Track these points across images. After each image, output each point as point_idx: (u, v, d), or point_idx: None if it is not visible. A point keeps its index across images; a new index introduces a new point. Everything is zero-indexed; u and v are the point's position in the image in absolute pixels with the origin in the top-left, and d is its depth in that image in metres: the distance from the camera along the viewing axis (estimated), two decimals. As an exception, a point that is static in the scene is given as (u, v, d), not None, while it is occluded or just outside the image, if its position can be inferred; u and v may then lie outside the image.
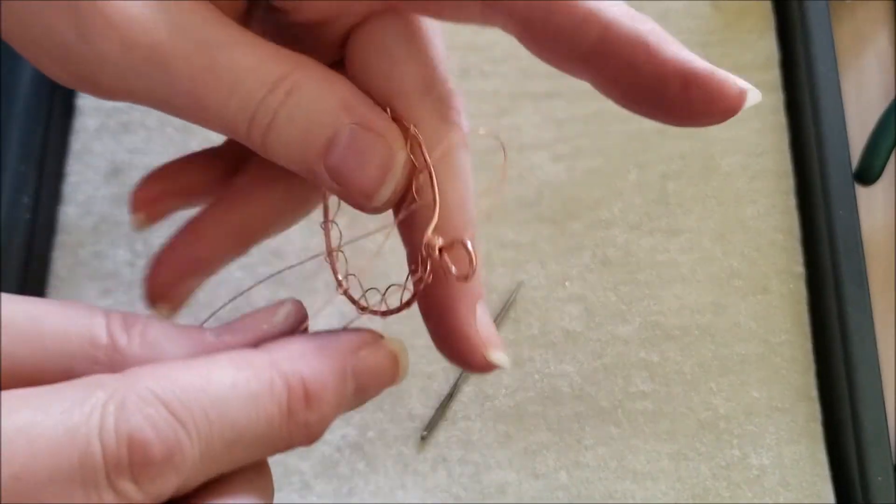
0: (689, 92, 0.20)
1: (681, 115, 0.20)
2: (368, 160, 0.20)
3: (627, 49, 0.20)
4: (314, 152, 0.20)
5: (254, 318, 0.20)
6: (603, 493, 0.36)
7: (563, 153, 0.41)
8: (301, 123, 0.20)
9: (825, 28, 0.42)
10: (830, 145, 0.40)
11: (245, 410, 0.17)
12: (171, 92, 0.20)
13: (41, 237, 0.40)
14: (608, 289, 0.39)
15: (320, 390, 0.19)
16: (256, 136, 0.20)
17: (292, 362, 0.18)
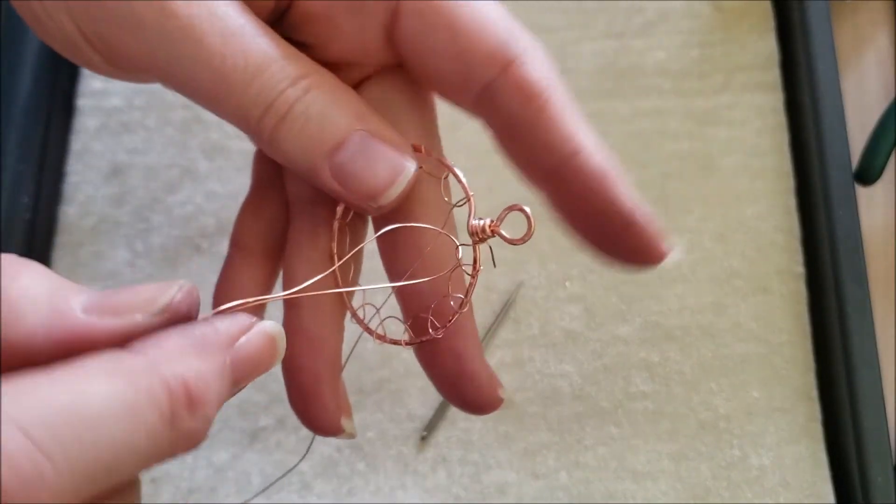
0: (628, 230, 0.21)
1: (611, 249, 0.22)
2: (378, 162, 0.21)
3: (590, 177, 0.21)
4: (322, 149, 0.21)
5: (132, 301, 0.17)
6: (603, 493, 0.36)
7: (564, 153, 0.41)
8: (316, 119, 0.21)
9: (825, 28, 0.42)
10: (830, 145, 0.40)
11: (123, 426, 0.15)
12: (197, 67, 0.20)
13: (41, 237, 0.40)
14: (608, 289, 0.39)
15: (204, 392, 0.17)
16: (268, 124, 0.21)
17: (172, 364, 0.16)
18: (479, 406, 0.24)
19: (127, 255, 0.40)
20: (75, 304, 0.17)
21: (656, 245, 0.21)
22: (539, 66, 0.22)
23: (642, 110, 0.42)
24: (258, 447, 0.37)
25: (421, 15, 0.21)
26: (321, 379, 0.23)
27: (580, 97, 0.43)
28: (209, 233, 0.40)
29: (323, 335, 0.24)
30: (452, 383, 0.23)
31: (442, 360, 0.23)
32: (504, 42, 0.21)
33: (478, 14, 0.21)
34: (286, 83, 0.20)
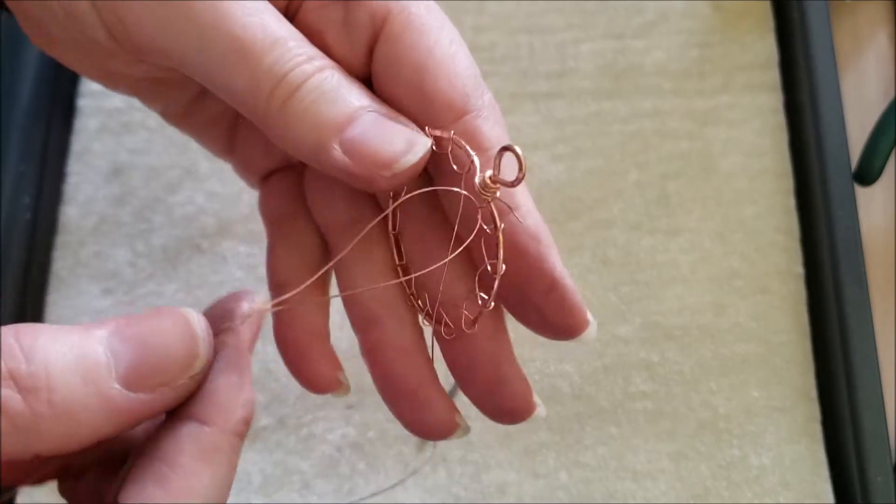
0: (549, 295, 0.22)
1: (531, 317, 0.22)
2: (393, 135, 0.21)
3: (521, 236, 0.22)
4: (334, 124, 0.21)
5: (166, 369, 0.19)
6: (603, 492, 0.36)
7: (563, 153, 0.41)
8: (329, 95, 0.21)
9: (825, 28, 0.42)
10: (830, 146, 0.40)
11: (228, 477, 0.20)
12: (216, 35, 0.20)
13: (42, 237, 0.40)
14: (608, 289, 0.39)
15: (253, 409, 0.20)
16: (279, 96, 0.21)
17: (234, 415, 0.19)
18: (513, 414, 0.23)
19: (128, 255, 0.40)
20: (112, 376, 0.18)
21: (577, 314, 0.22)
22: (493, 124, 0.22)
23: (642, 110, 0.42)
24: (258, 447, 0.37)
25: (396, 43, 0.22)
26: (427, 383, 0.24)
27: (580, 98, 0.44)
28: (210, 233, 0.40)
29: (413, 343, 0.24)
30: (489, 390, 0.23)
31: (479, 365, 0.23)
32: (465, 94, 0.22)
33: (448, 61, 0.22)
34: (302, 58, 0.21)
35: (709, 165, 0.41)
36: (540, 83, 0.43)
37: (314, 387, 0.25)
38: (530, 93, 0.42)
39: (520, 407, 0.23)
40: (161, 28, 0.21)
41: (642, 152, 0.41)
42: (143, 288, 0.39)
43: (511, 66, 0.43)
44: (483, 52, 0.43)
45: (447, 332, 0.23)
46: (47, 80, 0.42)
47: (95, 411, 0.17)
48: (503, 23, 0.44)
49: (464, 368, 0.23)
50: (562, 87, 0.42)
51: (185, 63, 0.21)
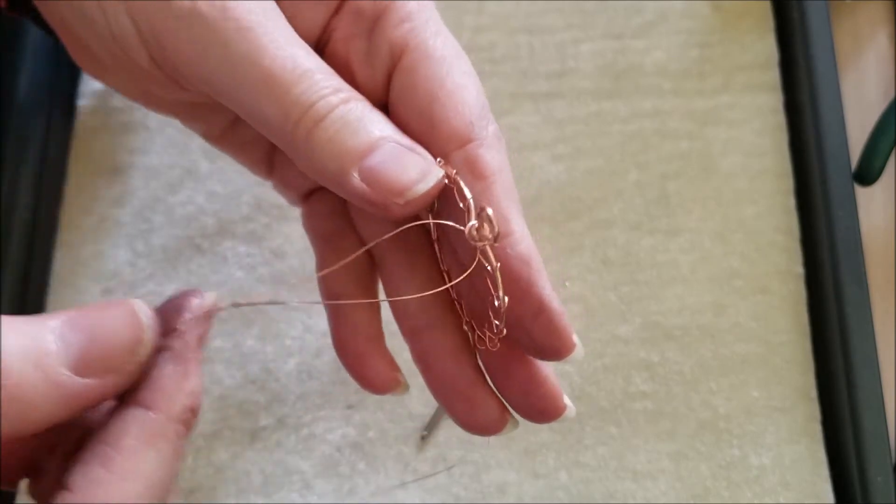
0: (538, 318, 0.23)
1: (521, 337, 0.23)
2: (409, 164, 0.22)
3: (513, 260, 0.23)
4: (355, 153, 0.22)
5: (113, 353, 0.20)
6: (603, 492, 0.36)
7: (563, 153, 0.41)
8: (352, 126, 0.22)
9: (825, 28, 0.42)
10: (830, 146, 0.40)
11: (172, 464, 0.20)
12: (247, 64, 0.22)
13: (42, 237, 0.40)
14: (608, 289, 0.39)
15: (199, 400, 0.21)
16: (305, 125, 0.22)
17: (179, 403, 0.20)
18: (546, 413, 0.24)
19: (128, 255, 0.40)
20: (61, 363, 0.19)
21: (564, 337, 0.23)
22: (495, 153, 0.24)
23: (642, 110, 0.42)
24: (258, 447, 0.37)
25: (411, 73, 0.24)
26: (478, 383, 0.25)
27: (580, 98, 0.44)
28: (210, 233, 0.40)
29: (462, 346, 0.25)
30: (525, 390, 0.24)
31: (516, 367, 0.24)
32: (471, 123, 0.23)
33: (458, 91, 0.24)
34: (328, 91, 0.22)
35: (709, 165, 0.41)
36: (540, 83, 0.43)
37: (374, 387, 0.26)
38: (530, 93, 0.42)
39: (552, 407, 0.24)
40: (198, 55, 0.22)
41: (642, 152, 0.41)
42: (143, 288, 0.39)
43: (511, 66, 0.43)
44: (483, 52, 0.43)
45: (479, 343, 0.25)
46: (47, 81, 0.42)
47: (46, 396, 0.18)
48: (503, 23, 0.44)
49: (500, 369, 0.25)
50: (562, 87, 0.42)
51: (218, 90, 0.23)
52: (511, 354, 0.24)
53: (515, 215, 0.23)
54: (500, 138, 0.24)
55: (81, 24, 0.23)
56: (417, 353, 0.25)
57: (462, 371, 0.25)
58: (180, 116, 0.28)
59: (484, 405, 0.25)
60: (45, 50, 0.42)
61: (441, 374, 0.25)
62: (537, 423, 0.25)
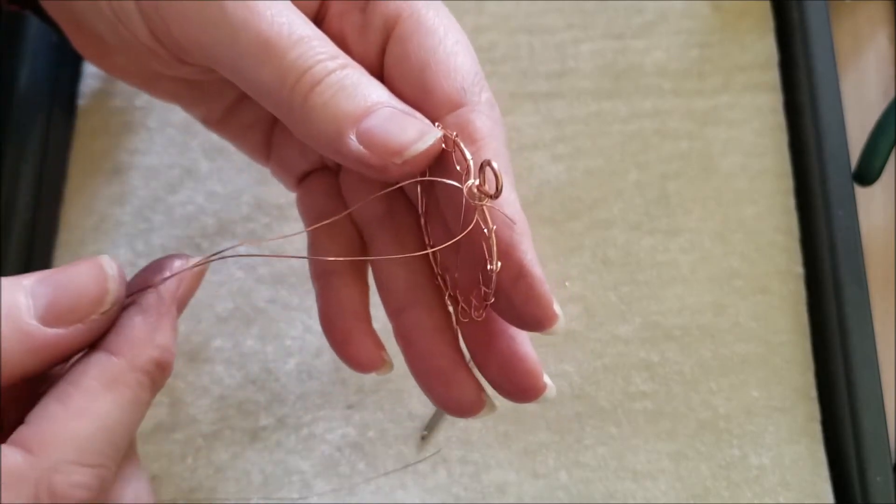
0: (518, 282, 0.22)
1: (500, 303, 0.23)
2: (407, 125, 0.22)
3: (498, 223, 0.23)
4: (352, 116, 0.22)
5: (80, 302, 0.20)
6: (603, 492, 0.36)
7: (563, 153, 0.41)
8: (349, 89, 0.22)
9: (824, 28, 0.42)
10: (829, 146, 0.40)
11: (130, 417, 0.21)
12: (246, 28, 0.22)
13: (42, 236, 0.40)
14: (608, 289, 0.39)
15: (170, 356, 0.21)
16: (302, 88, 0.22)
17: (145, 352, 0.21)
18: (526, 391, 0.24)
19: (128, 255, 0.40)
20: (31, 315, 0.20)
21: (544, 305, 0.22)
22: (486, 119, 0.24)
23: (642, 110, 0.42)
24: (258, 447, 0.37)
25: (404, 43, 0.24)
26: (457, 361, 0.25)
27: (580, 98, 0.44)
28: (210, 233, 0.40)
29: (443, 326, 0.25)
30: (505, 366, 0.24)
31: (497, 342, 0.24)
32: (463, 89, 0.24)
33: (450, 58, 0.24)
34: (324, 56, 0.22)
35: (709, 165, 0.41)
36: (540, 83, 0.43)
37: (359, 365, 0.26)
38: (530, 93, 0.42)
39: (532, 385, 0.24)
40: (196, 24, 0.22)
41: (642, 152, 0.41)
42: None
43: (511, 66, 0.43)
44: (483, 52, 0.43)
45: (464, 315, 0.25)
46: (48, 81, 0.42)
47: (17, 346, 0.19)
48: (503, 23, 0.44)
49: (482, 345, 0.25)
50: (562, 87, 0.42)
51: (218, 59, 0.23)
52: (492, 330, 0.24)
53: (508, 177, 0.23)
54: (494, 106, 0.24)
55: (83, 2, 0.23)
56: (400, 332, 0.25)
57: (441, 349, 0.25)
58: (181, 101, 0.29)
59: (461, 385, 0.25)
60: (45, 50, 0.42)
61: (421, 352, 0.25)
62: (517, 402, 0.25)
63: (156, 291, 0.22)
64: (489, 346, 0.24)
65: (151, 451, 0.37)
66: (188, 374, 0.38)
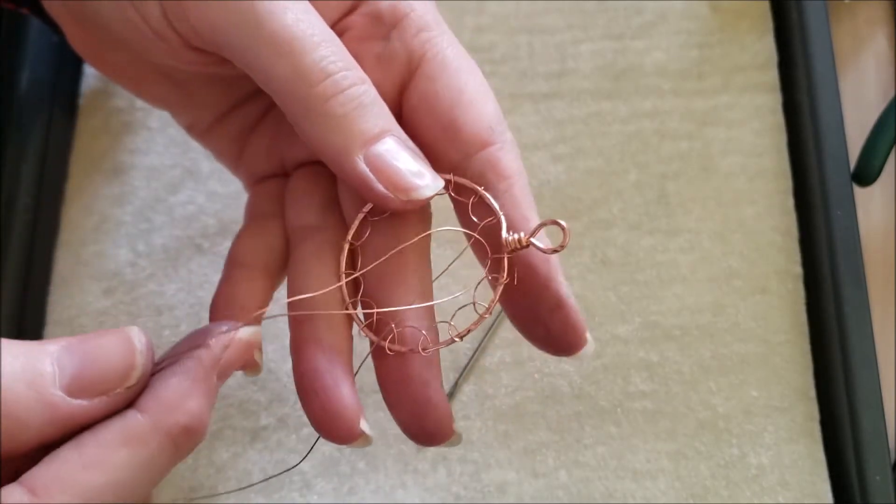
0: (555, 314, 0.24)
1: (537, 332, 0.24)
2: (413, 162, 0.23)
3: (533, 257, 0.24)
4: (362, 137, 0.22)
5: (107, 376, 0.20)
6: (602, 492, 0.36)
7: (563, 153, 0.42)
8: (367, 108, 0.22)
9: (823, 28, 0.42)
10: (828, 146, 0.40)
11: (144, 476, 0.20)
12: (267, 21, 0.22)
13: (43, 237, 0.40)
14: (608, 289, 0.39)
15: (199, 424, 0.20)
16: (320, 96, 0.22)
17: (172, 415, 0.20)
18: (434, 435, 0.25)
19: (129, 255, 0.40)
20: (55, 385, 0.19)
21: (579, 332, 0.24)
22: (513, 157, 0.25)
23: (641, 111, 0.42)
24: (259, 446, 0.37)
25: (433, 82, 0.24)
26: (341, 383, 0.24)
27: (580, 98, 0.44)
28: (211, 233, 0.40)
29: (339, 344, 0.25)
30: (415, 411, 0.25)
31: (411, 387, 0.24)
32: (491, 128, 0.24)
33: (478, 98, 0.24)
34: (346, 66, 0.23)
35: (708, 165, 0.41)
36: (540, 83, 0.43)
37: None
38: (530, 93, 0.42)
39: (441, 430, 0.25)
40: (218, 8, 0.22)
41: (642, 152, 0.41)
42: (143, 288, 0.39)
43: (511, 66, 0.43)
44: (483, 53, 0.43)
45: (390, 348, 0.24)
46: (48, 80, 0.42)
47: (38, 415, 0.19)
48: (503, 23, 0.44)
49: (395, 384, 0.25)
50: (561, 88, 0.43)
51: (233, 46, 0.23)
52: (407, 373, 0.24)
53: (534, 215, 0.24)
54: (515, 144, 0.25)
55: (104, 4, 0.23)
56: (295, 341, 0.25)
57: (330, 367, 0.24)
58: (171, 107, 0.29)
59: (340, 410, 0.24)
60: (46, 50, 0.42)
61: (308, 367, 0.24)
62: (423, 445, 0.25)
63: (197, 357, 0.21)
64: (401, 387, 0.24)
65: (152, 450, 0.37)
66: (189, 374, 0.38)
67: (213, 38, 0.23)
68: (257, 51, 0.22)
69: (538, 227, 0.23)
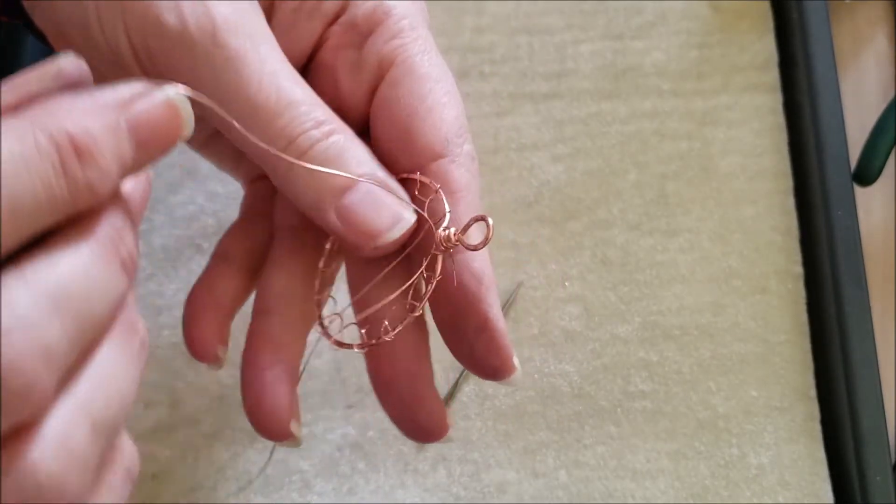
0: (480, 335, 0.23)
1: (463, 350, 0.24)
2: (382, 209, 0.23)
3: (466, 274, 0.23)
4: (332, 191, 0.23)
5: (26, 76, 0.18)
6: (602, 491, 0.36)
7: (563, 153, 0.42)
8: (332, 162, 0.23)
9: (824, 28, 0.42)
10: (829, 146, 0.40)
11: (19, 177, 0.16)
12: (233, 94, 0.22)
13: (43, 237, 0.40)
14: (608, 289, 0.39)
15: (90, 144, 0.18)
16: (285, 160, 0.22)
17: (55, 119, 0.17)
18: (427, 432, 0.25)
19: (128, 256, 0.40)
20: None
21: (503, 357, 0.24)
22: (465, 171, 0.24)
23: (641, 111, 0.42)
24: (259, 446, 0.37)
25: (395, 87, 0.24)
26: (280, 380, 0.25)
27: (580, 98, 0.44)
28: (210, 233, 0.40)
29: (288, 342, 0.25)
30: (406, 406, 0.25)
31: (398, 382, 0.25)
32: (447, 140, 0.24)
33: (438, 108, 0.24)
34: (311, 124, 0.23)
35: (708, 166, 0.41)
36: (539, 83, 0.43)
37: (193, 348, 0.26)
38: (530, 93, 0.42)
39: (434, 426, 0.25)
40: (189, 78, 0.22)
41: (641, 152, 0.41)
42: (143, 288, 0.39)
43: (511, 66, 0.43)
44: (483, 53, 0.43)
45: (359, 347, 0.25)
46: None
47: None
48: (503, 23, 0.44)
49: (384, 383, 0.25)
50: (561, 88, 0.43)
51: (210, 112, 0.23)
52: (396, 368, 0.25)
53: (475, 232, 0.24)
54: (474, 159, 0.25)
55: (78, 33, 0.23)
56: (249, 332, 0.26)
57: (273, 363, 0.25)
58: None
59: (275, 406, 0.25)
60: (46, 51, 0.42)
61: (253, 359, 0.25)
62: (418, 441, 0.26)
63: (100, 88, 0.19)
64: (391, 383, 0.25)
65: (151, 451, 0.37)
66: (188, 374, 0.38)
67: None
68: (223, 121, 0.22)
69: (469, 224, 0.23)
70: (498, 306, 0.24)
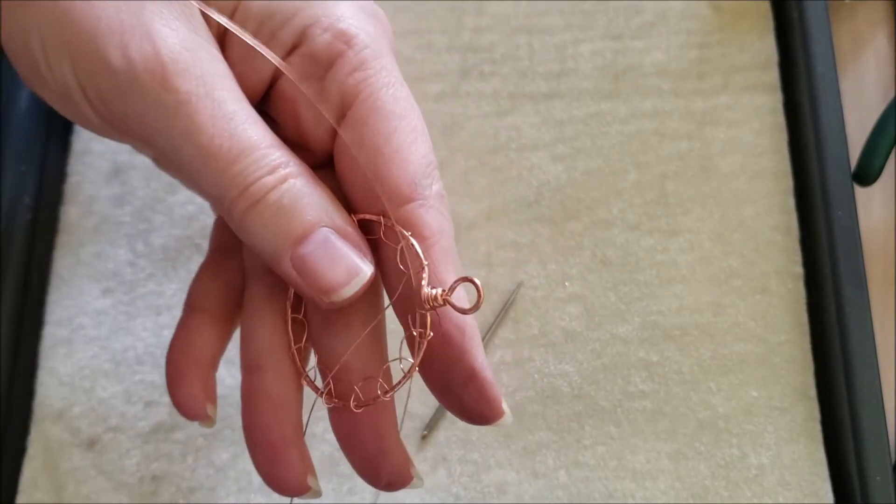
0: (468, 386, 0.23)
1: (452, 402, 0.24)
2: (337, 261, 0.22)
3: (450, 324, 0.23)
4: (287, 240, 0.22)
5: None
6: (602, 492, 0.36)
7: (563, 153, 0.41)
8: (286, 210, 0.22)
9: (824, 28, 0.42)
10: (829, 146, 0.40)
11: None
12: (185, 141, 0.21)
13: (42, 237, 0.40)
14: (608, 289, 0.39)
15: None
16: (240, 207, 0.22)
17: None
18: (389, 483, 0.25)
19: (128, 255, 0.40)
20: None
21: (493, 406, 0.23)
22: (436, 214, 0.23)
23: (641, 111, 0.42)
24: (259, 446, 0.37)
25: (359, 127, 0.23)
26: (288, 439, 0.24)
27: (580, 98, 0.44)
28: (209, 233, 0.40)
29: (287, 396, 0.25)
30: (371, 460, 0.25)
31: (363, 438, 0.24)
32: (414, 183, 0.23)
33: (404, 148, 0.23)
34: (265, 171, 0.22)
35: (708, 165, 0.41)
36: (539, 83, 0.43)
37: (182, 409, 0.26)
38: (530, 93, 0.42)
39: (398, 478, 0.25)
40: (140, 123, 0.22)
41: (641, 152, 0.41)
42: (143, 288, 0.39)
43: (511, 66, 0.43)
44: (483, 53, 0.43)
45: (327, 401, 0.24)
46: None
47: None
48: (503, 23, 0.44)
49: (346, 437, 0.25)
50: (561, 88, 0.43)
51: (162, 154, 0.22)
52: (359, 424, 0.24)
53: (452, 277, 0.23)
54: (444, 198, 0.24)
55: (31, 72, 0.22)
56: (244, 391, 0.25)
57: (276, 422, 0.24)
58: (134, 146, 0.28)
59: (287, 464, 0.24)
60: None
61: (258, 419, 0.24)
62: (383, 490, 0.25)
63: None
64: (353, 437, 0.24)
65: (151, 451, 0.37)
66: (188, 374, 0.38)
67: (144, 146, 0.23)
68: (181, 167, 0.22)
69: (455, 284, 0.22)
70: (483, 355, 0.23)
